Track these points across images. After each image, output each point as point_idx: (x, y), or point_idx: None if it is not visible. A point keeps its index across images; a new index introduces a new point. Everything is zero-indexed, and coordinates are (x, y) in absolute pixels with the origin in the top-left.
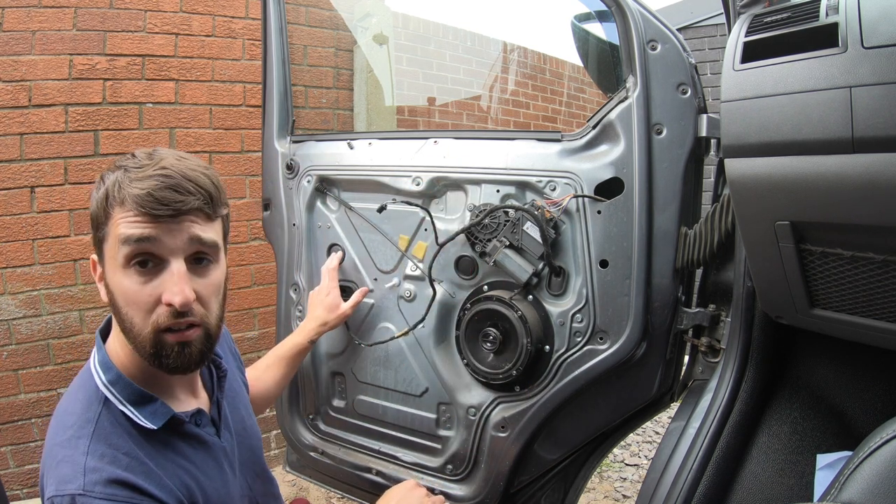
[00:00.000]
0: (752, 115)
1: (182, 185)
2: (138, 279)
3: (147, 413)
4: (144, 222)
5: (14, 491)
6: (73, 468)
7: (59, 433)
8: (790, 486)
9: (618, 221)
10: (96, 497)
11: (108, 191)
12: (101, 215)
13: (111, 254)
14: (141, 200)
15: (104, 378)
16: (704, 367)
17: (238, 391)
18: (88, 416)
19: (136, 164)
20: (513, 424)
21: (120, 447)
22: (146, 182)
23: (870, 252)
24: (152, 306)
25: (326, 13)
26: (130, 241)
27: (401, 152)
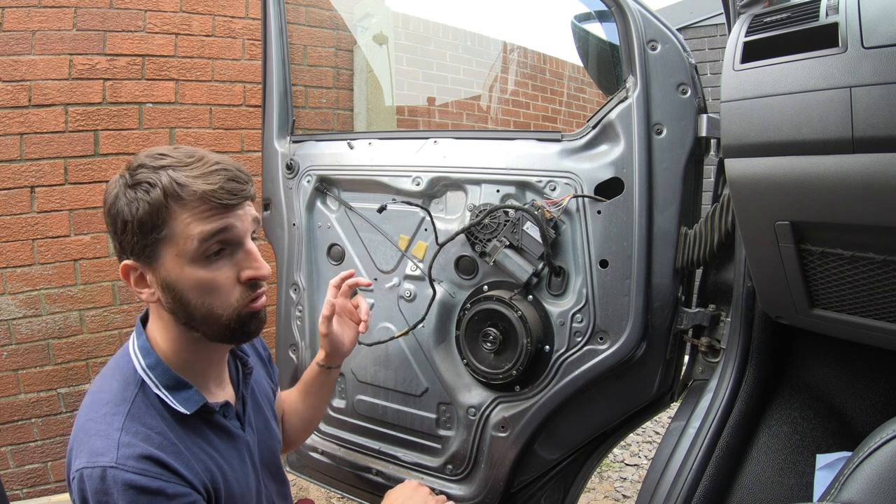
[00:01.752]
0: (752, 115)
1: (238, 175)
2: (215, 267)
3: (181, 398)
4: (219, 214)
5: (14, 491)
6: (106, 442)
7: (94, 410)
8: (790, 486)
9: (618, 221)
10: (128, 471)
11: (165, 192)
12: (157, 218)
13: (176, 251)
14: (215, 194)
15: (143, 362)
16: (704, 367)
17: (263, 391)
18: (125, 396)
19: (184, 163)
20: (513, 424)
21: (153, 427)
22: (212, 178)
23: (870, 252)
24: (231, 288)
25: (326, 13)
26: (211, 234)
27: (401, 152)
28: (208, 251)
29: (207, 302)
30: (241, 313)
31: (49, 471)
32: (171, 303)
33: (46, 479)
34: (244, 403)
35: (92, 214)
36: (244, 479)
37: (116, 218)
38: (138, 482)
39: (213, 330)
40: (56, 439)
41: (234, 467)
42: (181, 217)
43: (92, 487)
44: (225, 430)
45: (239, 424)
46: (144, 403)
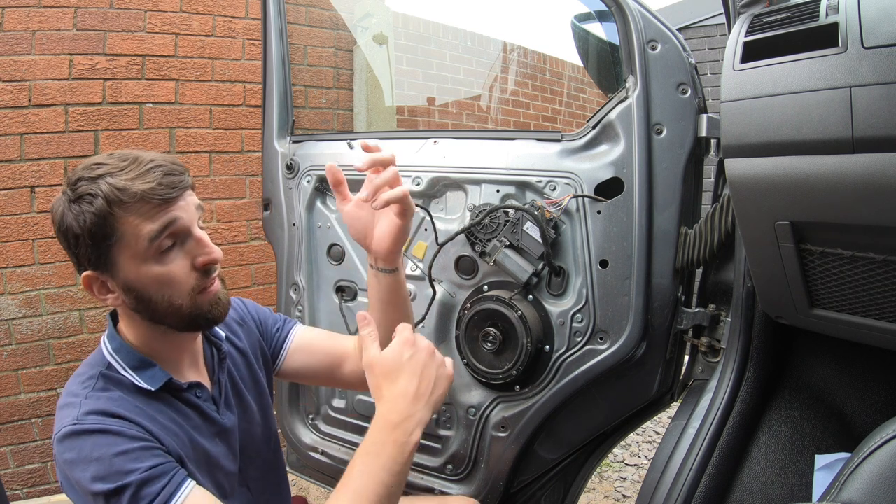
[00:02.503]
0: (752, 115)
1: (173, 168)
2: (168, 260)
3: (146, 376)
4: (163, 210)
5: (14, 491)
6: (69, 413)
7: (66, 390)
8: (790, 486)
9: (618, 221)
10: (89, 424)
11: (107, 199)
12: (105, 226)
13: (130, 253)
14: (154, 192)
15: (110, 347)
16: (704, 367)
17: (245, 377)
18: (91, 374)
19: (119, 168)
20: (513, 424)
21: (117, 395)
22: (148, 176)
23: (870, 252)
24: (186, 277)
25: (326, 13)
26: (159, 231)
27: (401, 152)
28: (161, 247)
29: (167, 295)
30: (197, 301)
31: (49, 471)
32: (133, 302)
33: (46, 479)
34: (220, 388)
35: None
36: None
37: (67, 233)
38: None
39: (177, 321)
40: None
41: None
42: (127, 220)
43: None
44: (198, 409)
45: (215, 408)
46: (109, 381)
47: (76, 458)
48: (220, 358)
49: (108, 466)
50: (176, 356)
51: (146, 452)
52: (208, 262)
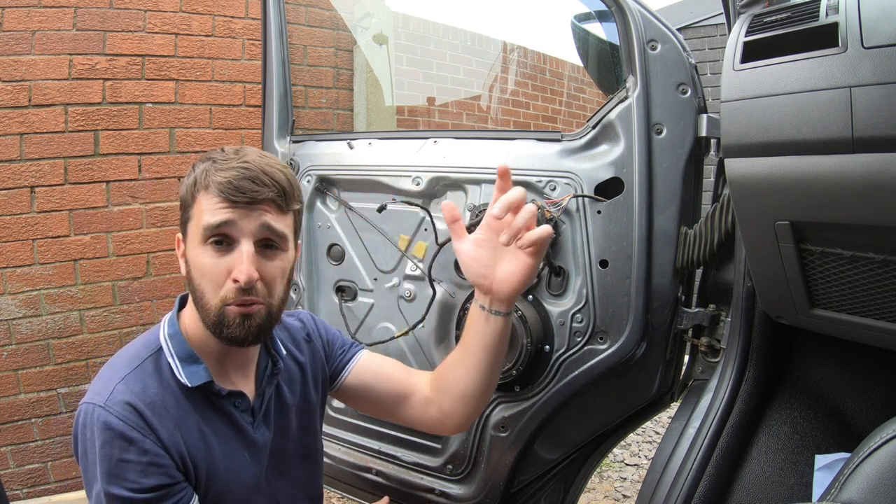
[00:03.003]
0: (752, 115)
1: (259, 177)
2: (213, 255)
3: (188, 371)
4: (224, 207)
5: (14, 491)
6: (106, 386)
7: (113, 361)
8: (790, 486)
9: (618, 221)
10: (111, 413)
11: (196, 178)
12: (188, 199)
13: (193, 232)
14: (222, 187)
15: (167, 331)
16: (704, 367)
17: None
18: (140, 356)
19: (223, 157)
20: (513, 424)
21: (151, 387)
22: (229, 172)
23: (870, 252)
24: (222, 281)
25: (326, 13)
26: (211, 222)
27: (401, 152)
28: (208, 237)
29: (202, 286)
30: (222, 310)
31: (49, 471)
32: (187, 276)
33: (46, 479)
34: (262, 401)
35: (92, 214)
36: (234, 470)
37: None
38: (116, 426)
39: (204, 314)
40: (56, 439)
41: (225, 452)
42: (200, 203)
43: (80, 421)
44: (230, 419)
45: (251, 420)
46: (153, 366)
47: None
48: (273, 373)
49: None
50: (223, 356)
51: (151, 469)
52: (235, 278)
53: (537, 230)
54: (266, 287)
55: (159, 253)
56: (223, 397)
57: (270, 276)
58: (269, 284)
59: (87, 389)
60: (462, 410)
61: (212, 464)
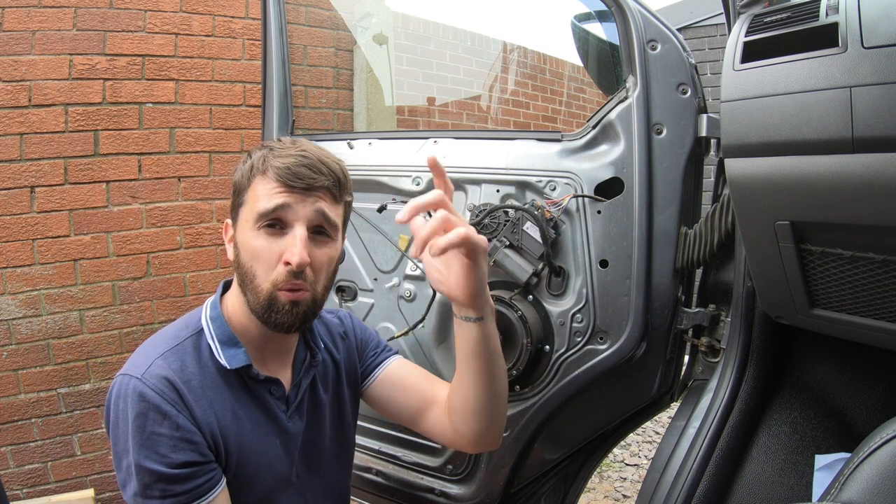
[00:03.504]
0: (752, 115)
1: (316, 165)
2: (266, 239)
3: (228, 354)
4: (281, 191)
5: (14, 491)
6: (144, 360)
7: (153, 338)
8: (790, 486)
9: (618, 221)
10: (148, 385)
11: (253, 163)
12: (244, 183)
13: (246, 216)
14: (280, 172)
15: (209, 313)
16: (704, 367)
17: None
18: (180, 335)
19: (281, 146)
20: (513, 424)
21: (188, 366)
22: (287, 158)
23: (870, 252)
24: (274, 264)
25: (326, 13)
26: (267, 206)
27: (401, 152)
28: (264, 222)
29: (254, 269)
30: (272, 294)
31: (49, 471)
32: (235, 261)
33: (46, 479)
34: (297, 391)
35: (92, 214)
36: (264, 454)
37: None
38: (151, 397)
39: (253, 298)
40: (56, 439)
41: (258, 440)
42: (257, 186)
43: (115, 392)
44: (264, 405)
45: (284, 408)
46: (193, 347)
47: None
48: (311, 364)
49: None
50: (263, 343)
51: (183, 444)
52: (287, 261)
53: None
54: (314, 274)
55: (159, 253)
56: (260, 382)
57: (319, 263)
58: (317, 271)
59: (87, 389)
60: (472, 427)
61: (244, 446)
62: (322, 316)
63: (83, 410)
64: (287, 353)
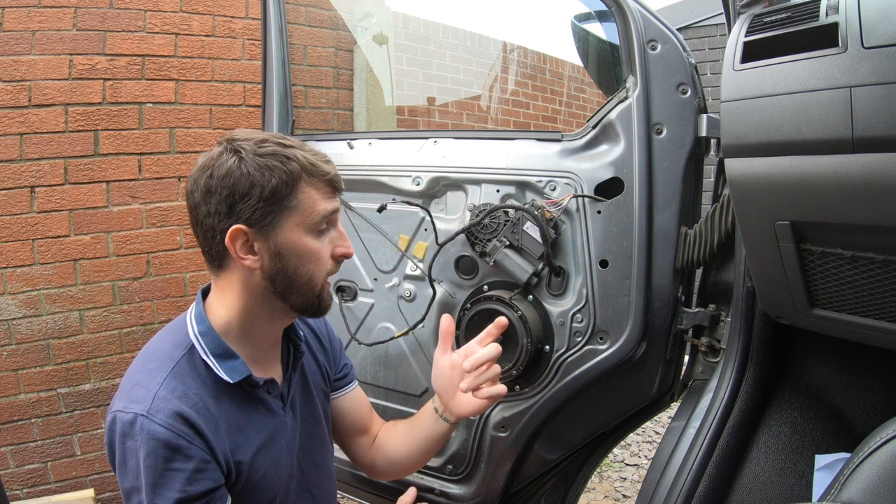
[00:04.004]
0: (752, 115)
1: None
2: (322, 239)
3: (227, 367)
4: (333, 197)
5: (14, 491)
6: (144, 392)
7: (142, 364)
8: (790, 486)
9: (618, 221)
10: (156, 422)
11: (302, 168)
12: (289, 187)
13: (296, 221)
14: (335, 180)
15: (196, 329)
16: (704, 367)
17: (316, 384)
18: (173, 356)
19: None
20: (513, 424)
21: (192, 388)
22: (330, 166)
23: (870, 252)
24: (327, 260)
25: (326, 13)
26: (331, 212)
27: (401, 152)
28: (321, 226)
29: (311, 271)
30: (324, 286)
31: (49, 471)
32: (276, 270)
33: (46, 479)
34: (290, 385)
35: (92, 214)
36: (273, 458)
37: (239, 182)
38: (162, 435)
39: (304, 299)
40: (56, 439)
41: (265, 443)
42: (309, 192)
43: (120, 430)
44: (265, 406)
45: (281, 404)
46: (189, 366)
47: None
48: (297, 357)
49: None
50: (258, 344)
51: (197, 475)
52: (345, 255)
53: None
54: None
55: (159, 253)
56: (259, 386)
57: None
58: None
59: (87, 389)
60: (388, 470)
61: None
62: None
63: (83, 410)
64: (276, 349)
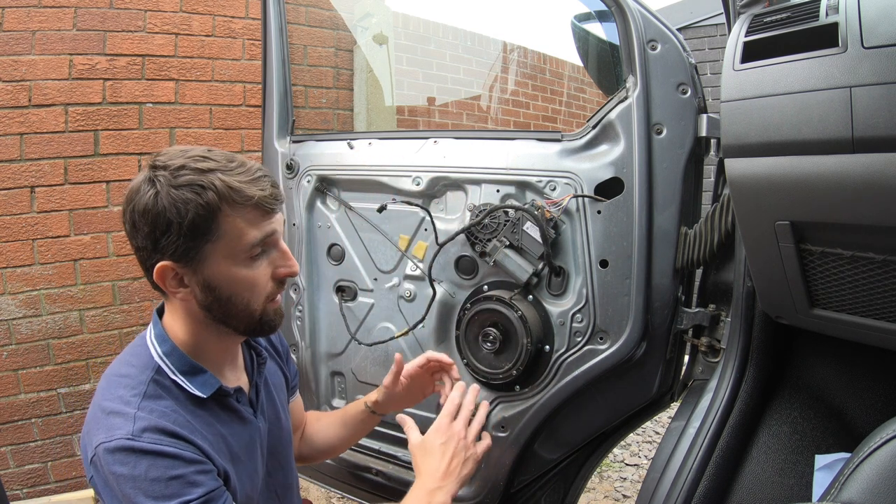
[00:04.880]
0: (752, 115)
1: (275, 181)
2: (257, 265)
3: (197, 383)
4: (265, 219)
5: (14, 491)
6: (123, 419)
7: (110, 392)
8: (790, 486)
9: (618, 221)
10: (144, 441)
11: (220, 195)
12: (207, 220)
13: (224, 253)
14: (265, 201)
15: (159, 350)
16: (704, 367)
17: (276, 384)
18: (141, 380)
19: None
20: (513, 424)
21: (168, 407)
22: (260, 183)
23: (870, 252)
24: (265, 284)
25: (326, 13)
26: (262, 239)
27: (401, 152)
28: (253, 253)
29: (246, 299)
30: (266, 307)
31: (49, 471)
32: (208, 301)
33: (46, 479)
34: (257, 391)
35: (92, 214)
36: (252, 464)
37: (157, 219)
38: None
39: (245, 324)
40: (56, 439)
41: (243, 451)
42: (234, 221)
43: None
44: (238, 414)
45: (251, 411)
46: (159, 387)
47: (130, 475)
48: (259, 363)
49: (164, 488)
50: (221, 358)
51: (201, 476)
52: (289, 275)
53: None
54: None
55: None
56: (229, 396)
57: None
58: None
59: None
60: (315, 457)
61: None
62: None
63: (83, 410)
64: (238, 358)
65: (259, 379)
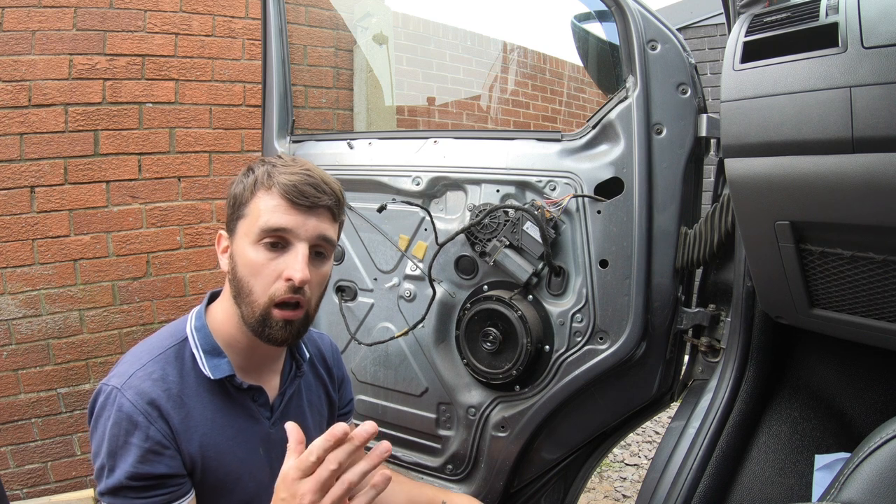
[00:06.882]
0: (752, 115)
1: (320, 184)
2: (267, 255)
3: (212, 364)
4: (285, 209)
5: (14, 491)
6: (126, 369)
7: (139, 348)
8: (790, 486)
9: (618, 221)
10: (125, 397)
11: (258, 177)
12: (245, 197)
13: (246, 230)
14: (287, 189)
15: (193, 323)
16: (704, 367)
17: (313, 402)
18: (163, 345)
19: (284, 163)
20: (513, 424)
21: (169, 375)
22: (293, 176)
23: (870, 252)
24: (273, 280)
25: (326, 13)
26: (270, 223)
27: (401, 152)
28: (262, 238)
29: (251, 283)
30: (270, 309)
31: (49, 471)
32: (232, 273)
33: (46, 479)
34: (282, 399)
35: (92, 214)
36: (248, 464)
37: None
38: (126, 409)
39: (248, 314)
40: (56, 439)
41: (239, 446)
42: (259, 201)
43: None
44: (247, 412)
45: (268, 415)
46: (175, 356)
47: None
48: (296, 375)
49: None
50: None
51: (150, 456)
52: (289, 277)
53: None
54: (310, 290)
55: (159, 253)
56: (243, 391)
57: (315, 282)
58: (314, 288)
59: (87, 389)
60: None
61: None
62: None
63: (83, 410)
64: (275, 362)
65: (290, 388)
